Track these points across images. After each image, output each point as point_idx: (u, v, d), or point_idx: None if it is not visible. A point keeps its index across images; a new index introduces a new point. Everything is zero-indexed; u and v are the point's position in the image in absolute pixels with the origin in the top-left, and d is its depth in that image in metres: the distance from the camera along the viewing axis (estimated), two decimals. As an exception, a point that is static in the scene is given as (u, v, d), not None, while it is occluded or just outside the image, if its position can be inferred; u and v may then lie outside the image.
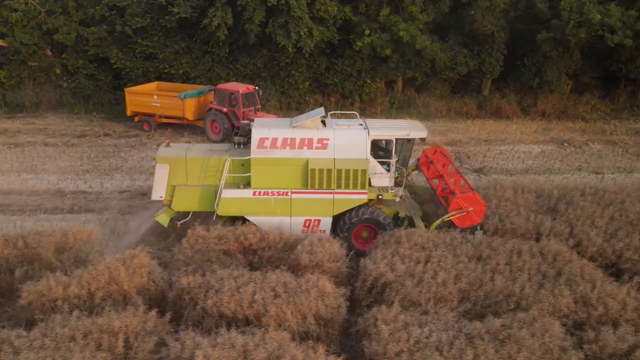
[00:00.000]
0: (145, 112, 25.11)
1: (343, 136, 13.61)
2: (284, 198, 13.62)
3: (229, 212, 13.76)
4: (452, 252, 11.83)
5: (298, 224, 13.79)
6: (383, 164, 14.06)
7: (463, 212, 13.08)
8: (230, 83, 25.37)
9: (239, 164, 13.79)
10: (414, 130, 14.03)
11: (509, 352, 8.90)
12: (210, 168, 13.88)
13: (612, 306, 10.15)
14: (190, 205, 14.02)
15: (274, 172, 13.50)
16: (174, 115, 24.51)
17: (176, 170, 13.92)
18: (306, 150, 13.44)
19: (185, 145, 15.03)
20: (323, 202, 13.61)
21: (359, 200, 13.63)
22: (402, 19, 26.23)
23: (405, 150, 14.40)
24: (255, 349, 8.85)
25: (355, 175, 13.40)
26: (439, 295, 10.60)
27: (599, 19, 24.42)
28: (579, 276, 11.05)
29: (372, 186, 14.09)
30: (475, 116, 28.39)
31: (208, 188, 13.87)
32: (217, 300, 10.31)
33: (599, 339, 9.41)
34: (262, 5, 25.21)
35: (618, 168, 21.40)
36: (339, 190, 13.53)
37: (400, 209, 14.48)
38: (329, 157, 13.46)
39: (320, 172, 13.36)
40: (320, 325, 10.34)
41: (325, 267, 11.71)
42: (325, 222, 13.80)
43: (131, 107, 25.33)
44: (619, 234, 12.90)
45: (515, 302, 10.45)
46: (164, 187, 13.95)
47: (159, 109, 24.50)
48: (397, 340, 9.17)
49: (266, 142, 13.41)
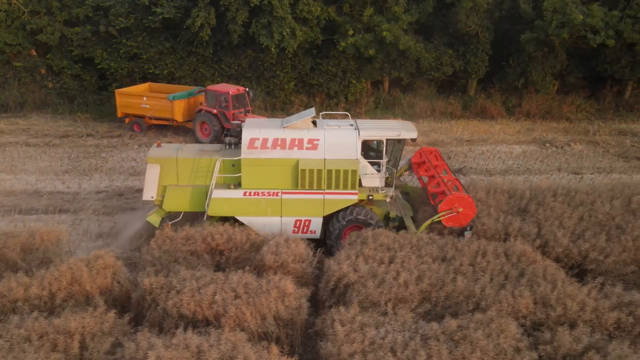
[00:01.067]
0: (135, 114, 25.06)
1: (333, 137, 13.62)
2: (274, 198, 13.64)
3: (219, 212, 13.78)
4: (417, 253, 11.84)
5: (289, 224, 13.83)
6: (374, 165, 14.09)
7: (453, 212, 13.09)
8: (220, 84, 25.28)
9: (230, 164, 13.84)
10: (404, 131, 14.04)
11: (463, 353, 8.91)
12: (201, 168, 13.94)
13: (570, 307, 10.16)
14: (181, 205, 14.06)
15: (264, 173, 13.52)
16: (164, 117, 24.45)
17: (167, 171, 13.98)
18: (296, 150, 13.46)
19: (176, 145, 15.08)
20: (313, 203, 13.64)
21: (349, 200, 13.65)
22: (386, 19, 26.24)
23: (396, 151, 14.41)
24: (209, 350, 8.85)
25: (345, 176, 13.43)
26: (400, 296, 10.60)
27: (581, 19, 24.46)
28: (541, 277, 11.06)
29: (362, 187, 14.13)
30: (460, 116, 28.43)
31: (199, 188, 13.93)
32: (177, 301, 10.32)
33: (554, 340, 9.42)
34: (245, 5, 25.21)
35: (598, 168, 21.42)
36: (329, 190, 13.56)
37: (391, 209, 14.51)
38: (319, 158, 13.47)
39: (311, 173, 13.39)
40: (280, 326, 10.35)
41: (289, 268, 11.72)
42: (316, 223, 13.82)
43: (121, 108, 25.25)
44: (586, 235, 12.91)
45: (475, 303, 10.46)
46: (155, 188, 14.00)
47: (149, 110, 24.45)
48: (352, 341, 9.17)
49: (257, 143, 13.43)
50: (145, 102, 24.57)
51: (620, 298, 10.64)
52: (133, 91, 25.59)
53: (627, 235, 12.74)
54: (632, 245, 12.41)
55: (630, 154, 23.21)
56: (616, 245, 12.45)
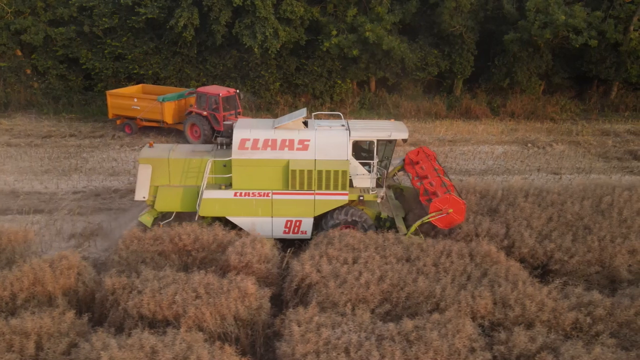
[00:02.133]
0: (126, 115, 25.00)
1: (324, 137, 13.62)
2: (265, 199, 13.66)
3: (210, 212, 13.81)
4: (381, 254, 11.87)
5: (279, 224, 13.86)
6: (365, 165, 14.10)
7: (443, 214, 13.08)
8: (210, 86, 25.12)
9: (221, 164, 13.89)
10: (395, 131, 14.01)
11: (417, 353, 8.94)
12: (192, 169, 13.99)
13: (529, 307, 10.19)
14: (173, 205, 14.10)
15: (255, 173, 13.55)
16: (154, 119, 24.38)
17: (159, 171, 14.04)
18: (287, 151, 13.48)
19: (168, 146, 15.13)
20: (304, 203, 13.66)
21: (340, 201, 13.67)
22: (369, 20, 26.26)
23: (388, 151, 14.41)
24: (163, 350, 8.87)
25: (335, 177, 13.44)
26: (361, 297, 10.63)
27: (564, 19, 24.50)
28: (503, 277, 11.10)
29: (354, 187, 14.14)
30: (445, 117, 28.46)
31: (190, 189, 13.97)
32: (138, 302, 10.34)
33: (509, 340, 9.45)
34: (228, 6, 25.23)
35: (577, 169, 21.46)
36: (319, 191, 13.58)
37: (382, 209, 14.53)
38: (310, 158, 13.48)
39: (301, 173, 13.41)
40: (240, 327, 10.37)
41: (254, 268, 11.75)
42: (307, 223, 13.85)
43: (113, 109, 25.14)
44: (553, 235, 12.95)
45: (435, 304, 10.49)
46: (147, 188, 14.06)
47: (139, 112, 24.39)
48: (307, 341, 9.20)
49: (247, 143, 13.46)
50: (136, 104, 24.48)
51: (580, 298, 10.69)
52: (124, 92, 25.51)
53: (594, 236, 12.77)
54: (598, 246, 12.44)
55: (611, 154, 23.25)
56: (581, 245, 12.48)
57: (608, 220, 13.57)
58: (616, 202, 14.43)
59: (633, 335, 9.92)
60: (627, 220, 13.56)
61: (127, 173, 20.38)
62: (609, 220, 13.57)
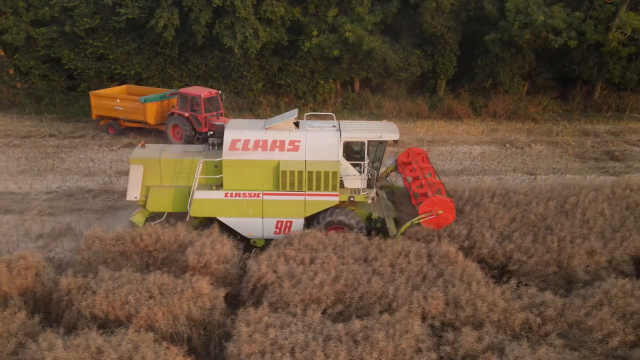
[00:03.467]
0: (109, 116, 25.01)
1: (314, 138, 13.64)
2: (255, 199, 13.69)
3: (201, 213, 13.84)
4: (339, 254, 11.89)
5: (270, 225, 13.89)
6: (356, 166, 14.11)
7: (432, 215, 13.12)
8: (193, 87, 25.05)
9: (212, 165, 13.91)
10: (386, 132, 14.03)
11: (361, 354, 8.97)
12: (183, 169, 14.03)
13: (480, 307, 10.23)
14: (164, 206, 14.15)
15: (245, 174, 13.57)
16: (137, 120, 24.38)
17: (150, 171, 14.08)
18: (278, 152, 13.50)
19: (160, 146, 15.19)
20: (294, 204, 13.68)
21: (330, 202, 13.69)
22: (350, 20, 26.29)
23: (379, 152, 14.44)
24: (108, 350, 8.90)
25: (326, 177, 13.46)
26: (314, 297, 10.66)
27: (543, 20, 24.55)
28: (458, 278, 11.13)
29: (345, 188, 14.16)
30: (427, 117, 28.51)
31: (182, 189, 14.01)
32: (91, 302, 10.36)
33: (457, 340, 9.48)
34: (208, 6, 25.23)
35: (553, 169, 21.51)
36: (310, 192, 13.61)
37: (374, 210, 14.55)
38: (300, 159, 13.49)
39: (292, 174, 13.44)
40: (192, 327, 10.40)
41: (212, 269, 11.77)
42: (297, 224, 13.86)
43: (96, 110, 25.13)
44: (514, 236, 12.98)
45: (387, 304, 10.52)
46: (139, 188, 14.11)
47: (122, 112, 24.40)
48: (254, 341, 9.23)
49: (238, 144, 13.49)
50: (119, 105, 24.49)
51: (532, 299, 10.72)
52: (107, 93, 25.50)
53: (554, 237, 12.80)
54: (557, 247, 12.48)
55: (588, 154, 23.31)
56: (541, 246, 12.52)
57: (571, 220, 13.60)
58: (581, 203, 14.45)
59: (582, 336, 9.95)
60: (589, 221, 13.59)
61: (103, 173, 20.39)
62: (572, 220, 13.60)
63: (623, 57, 28.76)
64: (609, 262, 12.43)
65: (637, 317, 10.13)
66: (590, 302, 10.51)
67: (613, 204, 14.63)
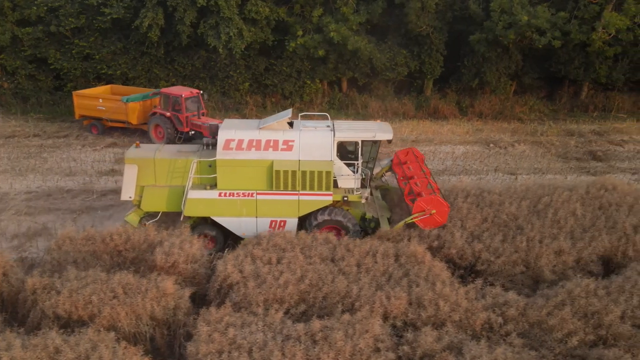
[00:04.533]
0: (92, 116, 25.01)
1: (308, 138, 13.67)
2: (249, 199, 13.71)
3: (195, 212, 13.88)
4: (307, 253, 11.91)
5: (264, 224, 13.89)
6: (349, 166, 14.13)
7: (426, 215, 13.13)
8: (174, 87, 25.05)
9: (207, 165, 13.95)
10: (380, 132, 14.06)
11: (319, 354, 9.00)
12: (177, 169, 14.08)
13: (442, 307, 10.25)
14: (159, 205, 14.18)
15: (239, 174, 13.60)
16: (119, 119, 24.39)
17: (145, 171, 14.11)
18: (271, 151, 13.54)
19: (155, 146, 15.23)
20: (288, 203, 13.70)
21: (324, 201, 13.71)
22: (335, 20, 26.30)
23: (373, 152, 14.47)
24: (66, 350, 8.92)
25: (319, 177, 13.48)
26: (278, 296, 10.69)
27: (526, 20, 24.58)
28: (423, 278, 11.15)
29: (339, 188, 14.19)
30: (413, 117, 28.52)
31: (176, 189, 14.05)
32: (54, 302, 10.38)
33: (416, 340, 9.50)
34: (192, 6, 25.24)
35: (535, 169, 21.53)
36: (304, 191, 13.63)
37: (368, 210, 14.58)
38: (294, 159, 13.53)
39: (285, 174, 13.47)
40: (155, 327, 10.42)
41: (180, 269, 11.79)
42: (291, 223, 13.88)
43: (79, 110, 25.14)
44: (484, 236, 13.00)
45: (351, 304, 10.54)
46: (133, 188, 14.15)
47: (105, 112, 24.40)
48: (212, 341, 9.25)
49: (232, 144, 13.53)
50: (102, 104, 24.49)
51: (496, 299, 10.75)
52: (90, 93, 25.50)
53: (523, 236, 12.83)
54: (525, 246, 12.50)
55: (570, 154, 23.33)
56: (509, 246, 12.54)
57: (542, 220, 13.63)
58: (554, 203, 14.48)
59: (543, 335, 9.98)
60: (560, 221, 13.62)
61: (84, 173, 20.40)
62: (543, 220, 13.63)
63: (609, 57, 28.77)
64: (576, 262, 12.46)
65: (598, 317, 10.15)
66: (553, 301, 10.54)
67: (586, 204, 14.65)
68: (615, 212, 14.18)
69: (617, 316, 10.14)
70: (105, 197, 18.37)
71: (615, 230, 13.28)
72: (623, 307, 10.36)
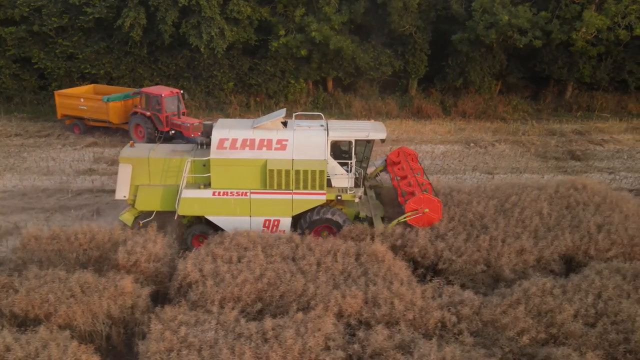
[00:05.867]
0: (74, 115, 25.04)
1: (302, 137, 13.73)
2: (243, 198, 13.77)
3: (189, 211, 13.95)
4: (268, 252, 11.96)
5: (258, 223, 13.96)
6: (343, 165, 14.17)
7: (419, 213, 13.22)
8: (155, 86, 25.12)
9: (201, 164, 14.01)
10: (373, 132, 14.15)
11: (267, 352, 9.04)
12: (172, 168, 14.14)
13: (397, 306, 10.29)
14: (153, 204, 14.24)
15: (233, 173, 13.67)
16: (101, 119, 24.41)
17: (139, 170, 14.18)
18: (265, 151, 13.60)
19: (149, 145, 15.31)
20: (282, 203, 13.77)
21: (318, 200, 13.77)
22: (317, 20, 26.34)
23: (366, 152, 14.55)
24: (16, 349, 8.97)
25: (313, 176, 13.55)
26: (236, 295, 10.74)
27: (507, 20, 24.62)
28: (381, 277, 11.19)
29: (332, 187, 14.23)
30: (397, 116, 28.54)
31: (170, 188, 14.11)
32: (12, 301, 10.42)
33: (367, 339, 9.55)
34: (174, 5, 25.26)
35: (512, 168, 21.58)
36: (297, 190, 13.69)
37: (361, 209, 14.61)
38: (288, 158, 13.60)
39: (279, 173, 13.53)
40: (111, 325, 10.47)
41: (142, 267, 11.84)
42: (285, 222, 13.94)
43: (61, 109, 25.16)
44: (448, 235, 13.05)
45: (307, 302, 10.59)
46: (128, 187, 14.21)
47: (86, 112, 24.42)
48: (163, 339, 9.29)
49: (226, 143, 13.59)
50: (83, 104, 24.52)
51: (452, 297, 10.80)
52: (71, 93, 25.51)
53: (487, 236, 12.87)
54: (487, 245, 12.55)
55: (549, 154, 23.37)
56: (472, 245, 12.58)
57: (507, 220, 13.68)
58: (521, 202, 14.52)
59: (496, 334, 10.03)
60: (525, 220, 13.66)
61: (62, 172, 20.45)
62: (508, 220, 13.67)
63: (593, 57, 28.82)
64: (537, 261, 12.51)
65: (551, 316, 10.20)
66: (508, 300, 10.60)
67: (554, 203, 14.70)
68: (582, 211, 14.23)
69: (570, 315, 10.21)
70: (80, 196, 18.43)
71: (579, 229, 13.33)
72: (577, 305, 10.43)
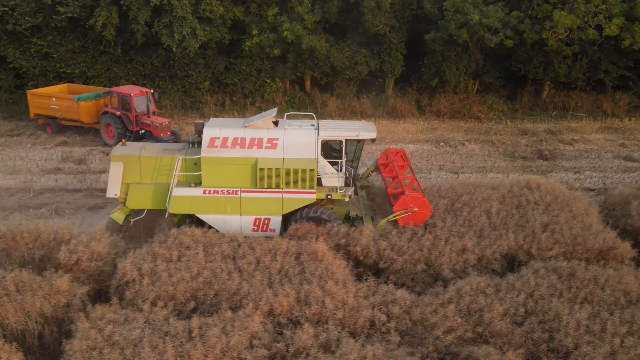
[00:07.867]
0: (47, 115, 25.08)
1: (293, 137, 13.83)
2: (234, 197, 13.85)
3: (180, 210, 14.02)
4: (209, 251, 12.01)
5: (248, 222, 14.03)
6: (334, 165, 14.25)
7: (409, 212, 13.31)
8: (125, 86, 25.17)
9: (192, 163, 14.10)
10: (364, 132, 14.23)
11: (189, 351, 9.10)
12: (163, 167, 14.22)
13: (328, 305, 10.35)
14: (145, 203, 14.29)
15: (224, 172, 13.75)
16: (73, 119, 24.45)
17: (131, 169, 14.24)
18: (256, 150, 13.69)
19: (141, 144, 15.38)
20: (272, 202, 13.85)
21: (308, 199, 13.85)
22: (290, 20, 26.38)
23: (357, 151, 14.66)
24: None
25: (303, 175, 13.63)
26: (170, 294, 10.79)
27: (478, 19, 24.66)
28: (317, 276, 11.24)
29: (323, 186, 14.30)
30: (371, 115, 28.55)
31: (161, 186, 14.18)
32: (-57, 301, 10.47)
33: (292, 337, 9.61)
34: (146, 5, 25.29)
35: (479, 168, 21.64)
36: (288, 189, 13.78)
37: (352, 208, 14.70)
38: (279, 157, 13.69)
39: (269, 172, 13.61)
40: (44, 324, 10.53)
41: (84, 266, 11.89)
42: (275, 221, 14.02)
43: (34, 109, 25.22)
44: (392, 234, 13.10)
45: (240, 301, 10.65)
46: (119, 185, 14.28)
47: (58, 111, 24.47)
48: (88, 338, 9.35)
49: (217, 142, 13.68)
50: (55, 104, 24.56)
51: (385, 297, 10.86)
52: (43, 92, 25.54)
53: (431, 235, 12.93)
54: (430, 245, 12.60)
55: (518, 153, 23.43)
56: (415, 244, 12.64)
57: (454, 219, 13.73)
58: (472, 202, 14.56)
59: (425, 333, 10.10)
60: (472, 219, 13.71)
61: (28, 172, 20.49)
62: (456, 219, 13.73)
63: (568, 57, 28.87)
64: (479, 260, 12.57)
65: (480, 315, 10.26)
66: (440, 299, 10.67)
67: (505, 202, 14.73)
68: (531, 211, 14.28)
69: (500, 314, 10.27)
70: (43, 195, 18.47)
71: (524, 229, 13.39)
72: (508, 305, 10.50)
